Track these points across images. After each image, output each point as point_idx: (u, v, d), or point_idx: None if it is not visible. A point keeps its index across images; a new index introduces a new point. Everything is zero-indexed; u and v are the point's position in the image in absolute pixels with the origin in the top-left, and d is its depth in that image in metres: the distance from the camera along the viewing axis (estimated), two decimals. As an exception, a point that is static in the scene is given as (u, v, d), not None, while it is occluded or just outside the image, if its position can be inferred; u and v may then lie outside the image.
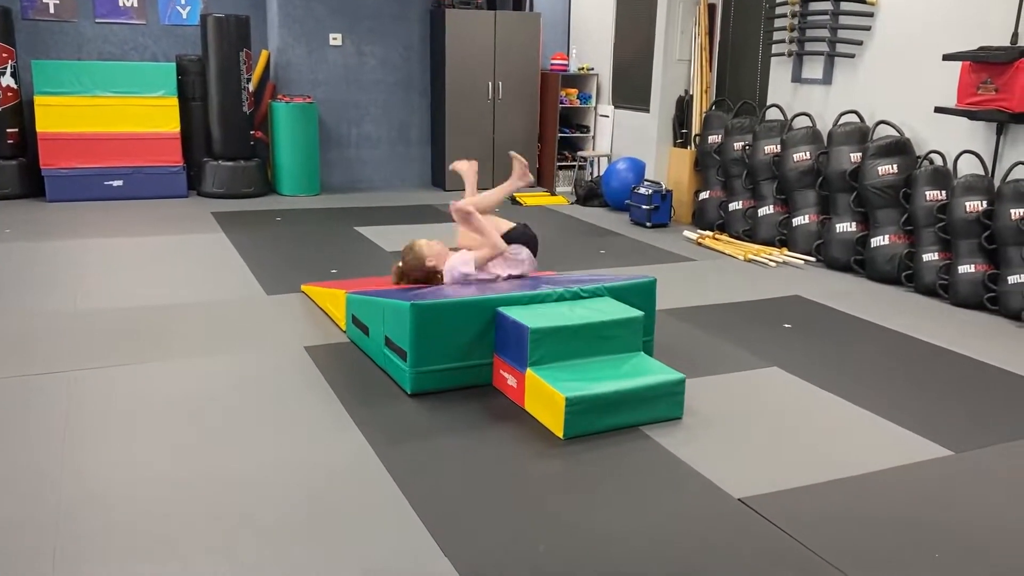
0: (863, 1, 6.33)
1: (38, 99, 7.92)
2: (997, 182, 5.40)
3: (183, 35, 8.84)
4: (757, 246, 6.84)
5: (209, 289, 5.37)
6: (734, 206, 7.24)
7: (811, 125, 6.71)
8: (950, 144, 5.77)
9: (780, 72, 7.17)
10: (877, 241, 6.01)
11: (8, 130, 7.97)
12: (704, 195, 7.60)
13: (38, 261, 5.91)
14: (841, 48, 6.55)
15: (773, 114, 7.12)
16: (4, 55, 7.86)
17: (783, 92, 7.14)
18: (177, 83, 8.36)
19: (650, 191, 7.67)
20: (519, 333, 3.64)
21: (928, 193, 5.70)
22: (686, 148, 7.95)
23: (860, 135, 6.24)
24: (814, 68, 6.84)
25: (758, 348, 4.54)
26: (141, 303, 5.02)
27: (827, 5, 6.57)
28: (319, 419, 3.54)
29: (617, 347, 3.77)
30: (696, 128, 7.83)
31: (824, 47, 6.66)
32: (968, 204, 5.42)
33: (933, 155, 5.87)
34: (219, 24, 8.21)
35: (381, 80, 9.26)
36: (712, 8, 7.82)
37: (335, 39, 8.98)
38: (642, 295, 4.14)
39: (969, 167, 5.64)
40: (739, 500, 2.95)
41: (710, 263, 6.50)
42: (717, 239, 7.14)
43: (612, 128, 9.24)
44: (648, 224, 7.67)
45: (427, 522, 2.76)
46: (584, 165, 9.55)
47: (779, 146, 6.80)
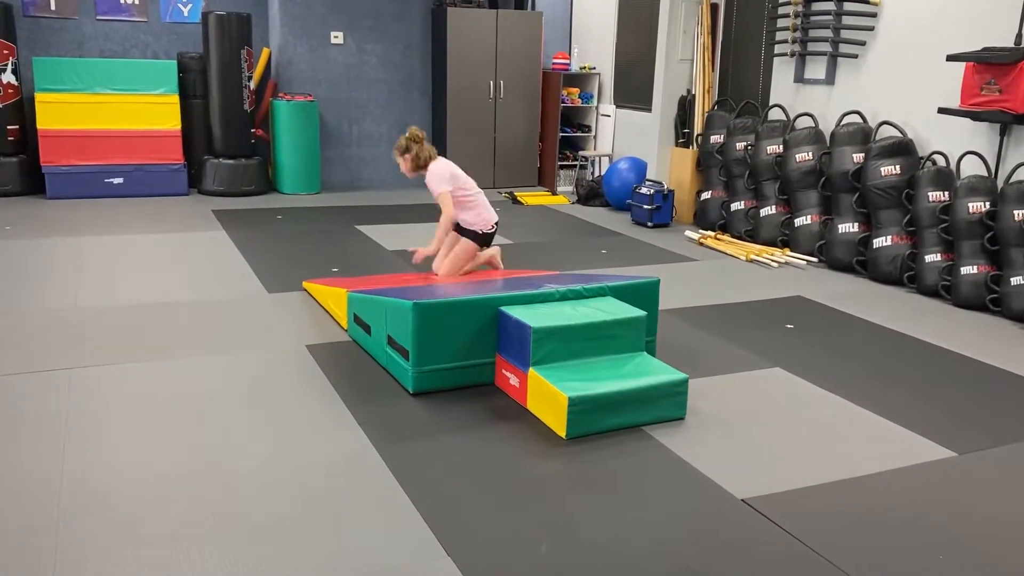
0: (866, 1, 6.32)
1: (39, 96, 7.91)
2: (1000, 183, 5.39)
3: (184, 33, 8.84)
4: (759, 246, 6.83)
5: (210, 287, 5.36)
6: (736, 206, 7.23)
7: (814, 125, 6.70)
8: (953, 145, 5.76)
9: (783, 72, 7.16)
10: (879, 242, 6.00)
11: (9, 127, 7.96)
12: (706, 195, 7.60)
13: (38, 258, 5.90)
14: (844, 48, 6.54)
15: (775, 114, 7.11)
16: (5, 52, 7.85)
17: (786, 92, 7.13)
18: (178, 81, 8.36)
19: (652, 191, 7.66)
20: (522, 332, 3.63)
21: (931, 194, 5.69)
22: (688, 148, 7.94)
23: (863, 136, 6.23)
24: (817, 68, 6.83)
25: (760, 349, 4.53)
26: (141, 301, 5.01)
27: (830, 5, 6.56)
28: (321, 418, 3.53)
29: (620, 347, 3.77)
30: (698, 128, 7.82)
31: (827, 47, 6.65)
32: (971, 205, 5.41)
33: (936, 156, 5.86)
34: (220, 22, 8.20)
35: (382, 79, 9.25)
36: (715, 7, 7.81)
37: (336, 37, 8.97)
38: (645, 295, 4.14)
39: (972, 168, 5.63)
40: (742, 500, 2.95)
41: (712, 263, 6.49)
42: (719, 239, 7.13)
43: (614, 128, 9.23)
44: (650, 224, 7.66)
45: (429, 521, 2.76)
46: (585, 165, 9.54)
47: (781, 146, 6.79)
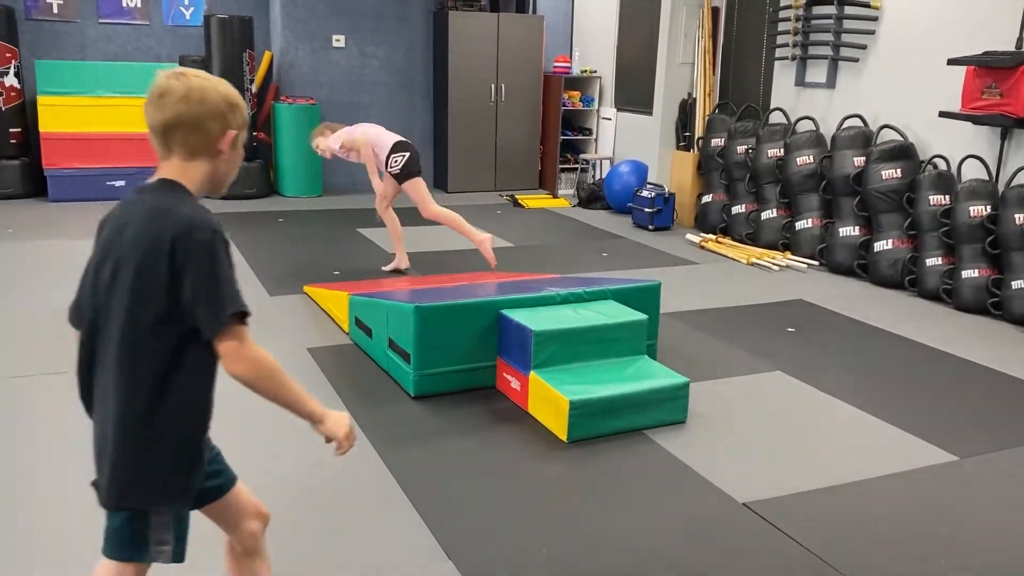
0: (867, 5, 6.33)
1: (41, 99, 7.92)
2: (1001, 187, 5.40)
3: (186, 36, 8.85)
4: (760, 250, 6.84)
5: (211, 290, 5.36)
6: (737, 209, 7.24)
7: (815, 129, 6.71)
8: (954, 149, 5.76)
9: (784, 76, 7.17)
10: (880, 245, 6.00)
11: (11, 130, 7.97)
12: (707, 198, 7.60)
13: (40, 261, 5.91)
14: (845, 52, 6.54)
15: (776, 118, 7.11)
16: (7, 55, 7.87)
17: (787, 96, 7.14)
18: (180, 84, 8.36)
19: (653, 194, 7.66)
20: (523, 336, 3.63)
21: (932, 198, 5.70)
22: (689, 151, 7.95)
23: (864, 139, 6.24)
24: (818, 72, 6.83)
25: (761, 352, 4.53)
26: (143, 304, 5.01)
27: (831, 9, 6.57)
28: (322, 421, 3.53)
29: (621, 350, 3.77)
30: (699, 131, 7.82)
31: (828, 51, 6.65)
32: (972, 209, 5.41)
33: (937, 160, 5.86)
34: (222, 25, 8.21)
35: (384, 82, 9.26)
36: (715, 11, 7.82)
37: (338, 41, 8.98)
38: (646, 298, 4.14)
39: (973, 172, 5.63)
40: (743, 504, 2.95)
41: (713, 267, 6.50)
42: (720, 242, 7.13)
43: (615, 131, 9.23)
44: (650, 227, 7.67)
45: (430, 524, 2.76)
46: (586, 168, 9.54)
47: (782, 150, 6.80)
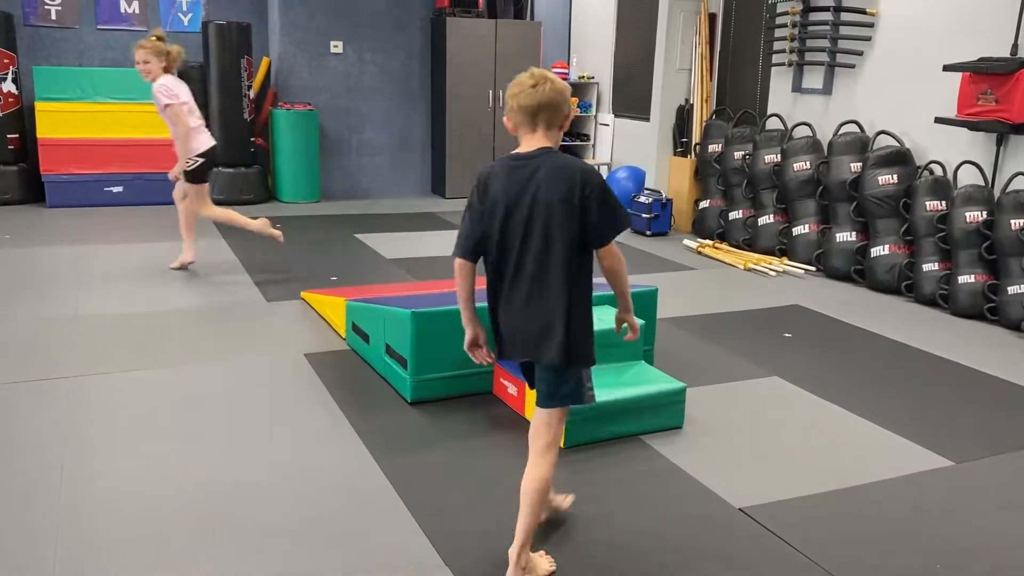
0: (863, 11, 6.35)
1: (39, 105, 7.92)
2: (997, 193, 5.41)
3: (184, 42, 8.77)
4: (757, 255, 6.84)
5: (209, 296, 5.36)
6: (734, 215, 7.25)
7: (811, 135, 6.72)
8: (950, 154, 5.78)
9: (780, 82, 7.19)
10: (877, 251, 6.01)
11: (9, 136, 7.98)
12: (704, 204, 7.61)
13: (38, 267, 5.91)
14: (841, 58, 6.56)
15: (773, 124, 7.13)
16: (5, 61, 7.88)
17: (783, 102, 7.16)
18: (178, 90, 8.37)
19: (650, 200, 7.68)
20: (520, 341, 3.62)
21: (928, 203, 5.71)
22: (686, 157, 7.96)
23: (860, 145, 6.25)
24: (814, 78, 6.85)
25: (758, 357, 4.54)
26: (141, 309, 5.02)
27: (827, 15, 6.59)
28: (319, 427, 3.53)
29: (618, 356, 3.77)
30: (696, 137, 7.84)
31: (824, 57, 6.67)
32: (968, 214, 5.42)
33: (933, 165, 5.88)
34: (220, 31, 8.23)
35: (382, 88, 9.27)
36: (713, 17, 7.84)
37: (336, 47, 9.00)
38: (643, 304, 4.13)
39: (969, 178, 5.65)
40: (739, 509, 2.95)
41: (710, 272, 6.50)
42: (717, 248, 7.14)
43: (612, 137, 9.25)
44: (648, 233, 7.68)
45: (427, 530, 2.76)
46: (584, 173, 9.54)
47: (779, 156, 6.81)
